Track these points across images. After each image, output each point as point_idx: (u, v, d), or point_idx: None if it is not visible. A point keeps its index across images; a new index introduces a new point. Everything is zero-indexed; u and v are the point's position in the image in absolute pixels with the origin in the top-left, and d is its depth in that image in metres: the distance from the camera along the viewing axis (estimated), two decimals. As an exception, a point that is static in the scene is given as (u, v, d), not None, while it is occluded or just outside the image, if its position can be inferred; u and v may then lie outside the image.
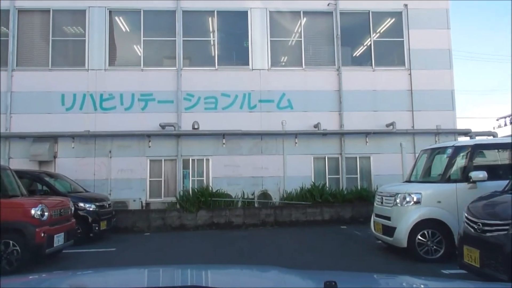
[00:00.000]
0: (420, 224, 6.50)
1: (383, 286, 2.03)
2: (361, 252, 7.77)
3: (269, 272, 2.30)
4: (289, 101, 12.98)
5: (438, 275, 5.73)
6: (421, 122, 13.03)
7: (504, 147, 6.92)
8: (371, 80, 13.26)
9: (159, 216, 11.48)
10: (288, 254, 7.78)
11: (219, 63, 13.18)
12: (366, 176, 13.01)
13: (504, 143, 7.13)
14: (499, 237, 4.31)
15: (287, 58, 13.88)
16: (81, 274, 2.34)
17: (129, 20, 13.48)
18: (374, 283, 2.01)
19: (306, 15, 13.47)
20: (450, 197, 6.43)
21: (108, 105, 12.69)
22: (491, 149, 7.03)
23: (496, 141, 8.44)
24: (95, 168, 12.44)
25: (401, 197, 6.76)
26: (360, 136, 12.98)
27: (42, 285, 1.92)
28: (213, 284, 1.89)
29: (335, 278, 1.57)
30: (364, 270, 6.07)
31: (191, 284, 1.73)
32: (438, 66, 13.27)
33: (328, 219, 11.65)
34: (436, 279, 2.55)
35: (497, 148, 7.07)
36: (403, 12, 13.47)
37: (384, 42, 13.69)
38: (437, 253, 6.44)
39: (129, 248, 8.94)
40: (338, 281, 1.53)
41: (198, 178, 12.72)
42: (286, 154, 12.80)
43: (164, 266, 3.34)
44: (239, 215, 11.61)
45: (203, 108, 12.84)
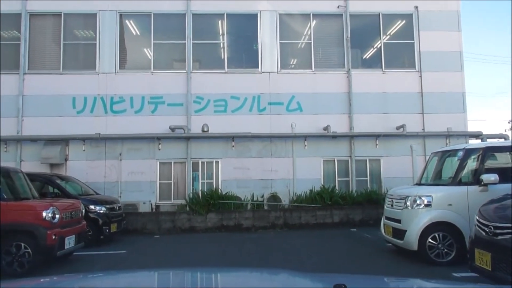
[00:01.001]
0: (431, 227, 6.44)
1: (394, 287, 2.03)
2: (371, 255, 7.72)
3: (278, 275, 2.30)
4: (299, 103, 12.97)
5: (449, 278, 5.67)
6: (432, 125, 12.92)
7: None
8: (381, 82, 13.19)
9: (169, 218, 11.53)
10: (297, 256, 7.76)
11: (229, 65, 13.23)
12: (376, 179, 12.93)
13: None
14: (511, 240, 4.25)
15: (297, 60, 13.86)
16: (91, 276, 2.35)
17: (139, 24, 13.59)
18: (384, 286, 2.00)
19: (316, 17, 13.47)
20: (461, 200, 6.36)
21: (118, 108, 12.80)
22: (503, 151, 6.95)
23: (508, 143, 8.34)
24: (106, 170, 12.54)
25: (411, 199, 6.71)
26: (370, 139, 12.91)
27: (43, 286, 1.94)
28: (220, 286, 1.90)
29: (344, 281, 1.56)
30: (374, 273, 6.05)
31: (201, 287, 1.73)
32: (449, 68, 13.16)
33: (338, 222, 11.59)
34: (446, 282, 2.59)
35: (508, 151, 6.98)
36: (414, 14, 13.39)
37: (394, 44, 13.62)
38: (448, 256, 6.37)
39: (139, 251, 8.98)
40: (348, 283, 1.52)
41: (207, 181, 12.75)
42: (296, 156, 12.77)
43: (173, 269, 3.36)
44: (248, 217, 11.60)
45: (213, 111, 12.89)
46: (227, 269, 2.91)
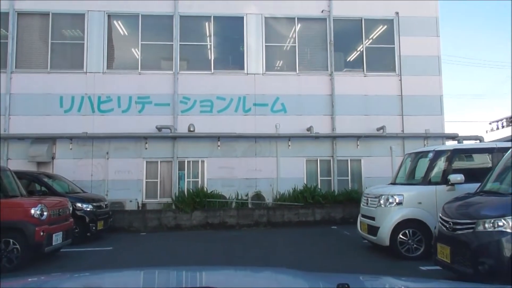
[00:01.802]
0: (402, 224, 6.85)
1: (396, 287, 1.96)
2: (348, 251, 8.11)
3: (281, 274, 2.26)
4: (283, 105, 13.32)
5: (417, 271, 6.08)
6: (411, 126, 13.41)
7: (480, 151, 7.30)
8: (362, 85, 13.63)
9: (155, 216, 11.78)
10: (279, 253, 8.12)
11: (215, 67, 13.51)
12: (357, 178, 13.37)
13: (480, 148, 7.51)
14: (467, 234, 4.66)
15: (282, 63, 14.23)
16: (91, 275, 2.32)
17: (127, 24, 13.79)
18: (386, 286, 1.97)
19: (301, 21, 13.84)
20: (430, 198, 6.78)
21: (105, 107, 12.99)
22: (469, 153, 7.40)
23: (474, 146, 8.82)
24: (93, 169, 12.73)
25: (384, 198, 7.12)
26: (351, 140, 13.34)
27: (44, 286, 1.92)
28: (222, 285, 1.86)
29: (348, 281, 1.57)
30: (348, 268, 6.45)
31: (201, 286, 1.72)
32: (428, 72, 13.67)
33: (320, 220, 11.98)
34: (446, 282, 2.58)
35: (474, 153, 7.44)
36: (395, 20, 13.86)
37: (376, 49, 14.07)
38: (417, 251, 6.79)
39: (126, 248, 9.22)
40: (351, 283, 1.51)
41: (193, 180, 13.04)
42: (280, 156, 13.14)
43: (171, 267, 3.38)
44: (233, 215, 11.92)
45: (199, 111, 13.16)
46: (228, 268, 2.95)
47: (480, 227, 4.51)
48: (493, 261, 4.30)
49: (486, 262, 4.33)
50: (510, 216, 4.29)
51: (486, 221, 4.46)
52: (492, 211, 4.53)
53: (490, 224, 4.41)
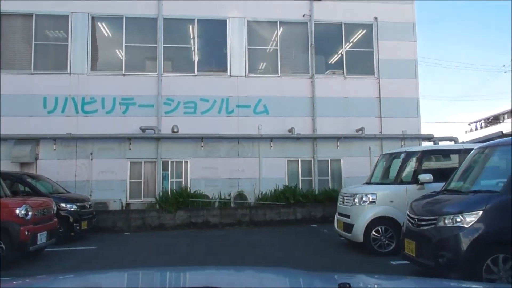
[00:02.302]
0: (375, 221, 7.22)
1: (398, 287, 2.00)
2: (325, 248, 8.46)
3: (283, 274, 2.27)
4: (265, 106, 13.64)
5: (387, 266, 6.45)
6: (389, 128, 13.87)
7: (448, 152, 7.73)
8: (342, 87, 14.04)
9: (139, 216, 11.95)
10: (260, 250, 8.41)
11: (199, 69, 13.74)
12: (337, 178, 13.76)
13: (448, 149, 7.94)
14: (430, 230, 5.03)
15: (264, 65, 14.54)
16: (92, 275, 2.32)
17: (111, 26, 13.91)
18: (388, 286, 1.99)
19: (283, 25, 14.17)
20: (401, 197, 7.16)
21: (89, 108, 13.10)
22: (438, 154, 7.82)
23: (442, 147, 9.27)
24: (76, 169, 12.83)
25: (359, 197, 7.48)
26: (331, 140, 13.73)
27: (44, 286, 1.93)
28: (223, 285, 1.87)
29: (349, 281, 1.59)
30: (323, 264, 6.78)
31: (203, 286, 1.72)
32: (405, 75, 14.16)
33: (301, 219, 12.31)
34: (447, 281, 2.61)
35: (442, 154, 7.87)
36: (373, 25, 14.31)
37: (355, 52, 14.50)
38: (389, 247, 7.16)
39: (109, 247, 9.38)
40: (352, 283, 1.52)
41: (177, 180, 13.24)
42: (262, 157, 13.44)
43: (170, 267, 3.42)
44: (216, 215, 12.17)
45: (183, 112, 13.37)
46: (228, 268, 2.91)
47: (441, 223, 4.88)
48: (451, 254, 4.67)
49: (445, 255, 4.70)
50: (467, 212, 4.67)
51: (446, 217, 4.83)
52: (452, 208, 4.90)
53: (449, 220, 4.78)
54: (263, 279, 2.15)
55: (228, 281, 2.09)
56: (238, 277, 2.20)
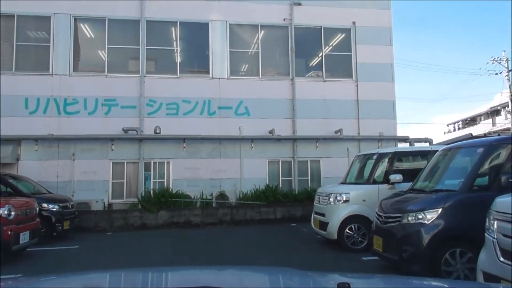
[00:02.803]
0: (348, 220, 7.58)
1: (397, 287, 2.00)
2: (302, 245, 8.79)
3: (282, 274, 2.25)
4: (246, 108, 13.92)
5: (360, 262, 6.81)
6: (366, 129, 14.32)
7: (417, 154, 8.16)
8: (322, 90, 14.43)
9: (121, 216, 12.09)
10: (240, 248, 8.70)
11: (181, 71, 13.95)
12: (316, 178, 14.13)
13: (417, 150, 8.38)
14: (395, 226, 5.40)
15: (245, 68, 14.84)
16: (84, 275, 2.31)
17: (94, 28, 14.00)
18: (388, 286, 2.00)
19: (264, 28, 14.49)
20: (373, 196, 7.52)
21: (72, 109, 13.17)
22: (408, 155, 8.25)
23: (412, 149, 9.74)
24: (58, 170, 12.88)
25: (333, 196, 7.84)
26: (311, 142, 14.11)
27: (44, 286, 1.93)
28: (223, 285, 1.87)
29: (349, 281, 1.59)
30: (299, 260, 7.10)
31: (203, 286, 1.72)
32: (382, 79, 14.63)
33: (281, 218, 12.62)
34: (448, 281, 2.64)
35: (412, 155, 8.30)
36: (352, 29, 14.75)
37: (334, 56, 14.92)
38: (361, 244, 7.53)
39: (91, 246, 9.51)
40: (352, 283, 1.52)
41: (159, 180, 13.42)
42: (243, 157, 13.73)
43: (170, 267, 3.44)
44: (197, 214, 12.40)
45: (165, 114, 13.56)
46: (228, 268, 2.91)
47: (405, 220, 5.25)
48: (413, 249, 5.04)
49: (408, 250, 5.07)
50: (428, 210, 5.04)
51: (409, 214, 5.20)
52: (415, 206, 5.28)
53: (412, 217, 5.15)
54: (263, 279, 2.15)
55: (228, 281, 2.10)
56: (238, 277, 2.20)
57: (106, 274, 2.30)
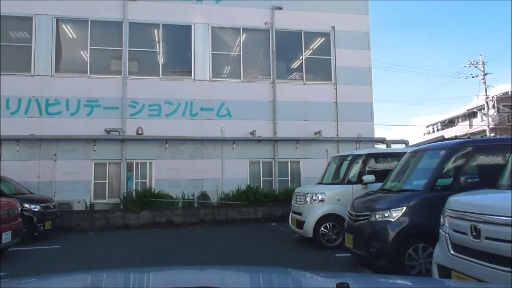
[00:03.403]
0: (323, 218, 7.92)
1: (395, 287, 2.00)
2: (280, 243, 9.10)
3: (281, 273, 2.26)
4: (228, 110, 14.18)
5: (333, 258, 7.14)
6: (344, 131, 14.74)
7: (389, 155, 8.56)
8: (302, 92, 14.79)
9: (103, 216, 12.20)
10: (219, 247, 8.94)
11: (164, 72, 14.12)
12: (296, 179, 14.48)
13: (389, 152, 8.78)
14: (364, 224, 5.74)
15: (227, 70, 15.10)
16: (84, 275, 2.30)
17: (76, 29, 14.06)
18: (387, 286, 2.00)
19: (245, 31, 14.77)
20: (347, 196, 7.85)
21: (53, 110, 13.21)
22: (380, 157, 8.64)
23: (384, 150, 10.16)
24: (40, 170, 12.91)
25: (310, 196, 8.17)
26: (291, 143, 14.45)
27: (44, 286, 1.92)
28: (222, 285, 1.88)
29: (347, 280, 1.59)
30: (276, 257, 7.39)
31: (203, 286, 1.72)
32: (360, 82, 15.08)
33: (261, 217, 12.92)
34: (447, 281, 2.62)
35: (384, 157, 8.70)
36: (331, 34, 15.16)
37: (314, 59, 15.31)
38: (336, 241, 7.87)
39: (73, 246, 9.60)
40: (350, 283, 1.53)
41: (141, 180, 13.56)
42: (225, 158, 13.98)
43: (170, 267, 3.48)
44: (179, 214, 12.59)
45: (147, 115, 13.71)
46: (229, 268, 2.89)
47: (372, 217, 5.59)
48: (380, 245, 5.39)
49: (375, 246, 5.42)
50: (394, 208, 5.39)
51: (377, 212, 5.55)
52: (382, 204, 5.63)
53: (379, 215, 5.50)
54: (262, 279, 2.14)
55: (228, 281, 2.11)
56: (237, 277, 2.20)
57: (105, 274, 2.31)
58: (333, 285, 1.51)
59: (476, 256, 3.39)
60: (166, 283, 2.06)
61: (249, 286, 1.96)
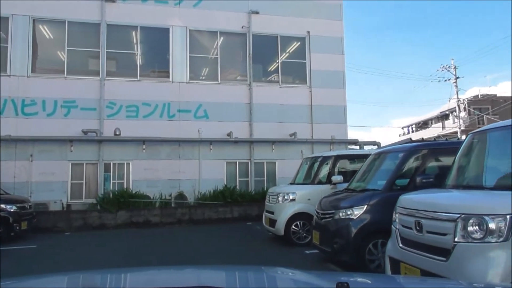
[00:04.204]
0: (294, 217, 8.31)
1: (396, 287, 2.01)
2: (253, 241, 9.45)
3: (281, 273, 2.28)
4: (205, 111, 14.44)
5: (303, 255, 7.51)
6: (319, 133, 15.21)
7: (357, 157, 9.01)
8: (278, 95, 15.18)
9: (80, 216, 12.28)
10: (195, 245, 9.21)
11: (141, 74, 14.27)
12: (272, 179, 14.85)
13: (357, 154, 9.24)
14: (329, 221, 6.13)
15: (205, 72, 15.36)
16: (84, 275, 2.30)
17: (53, 30, 14.06)
18: (386, 286, 2.01)
19: (223, 35, 15.06)
20: (317, 195, 8.22)
21: (30, 110, 13.20)
22: (348, 158, 9.09)
23: (352, 152, 10.64)
24: (15, 171, 12.88)
25: (282, 196, 8.54)
26: (267, 144, 14.83)
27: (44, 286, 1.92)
28: (221, 285, 1.89)
29: (347, 280, 1.58)
30: (251, 254, 7.72)
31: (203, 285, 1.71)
32: (334, 85, 15.57)
33: (237, 217, 13.23)
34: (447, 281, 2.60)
35: (352, 158, 9.15)
36: (306, 38, 15.60)
37: (290, 63, 15.73)
38: (306, 239, 8.26)
39: (49, 246, 9.68)
40: (350, 282, 1.53)
41: (118, 181, 13.68)
42: (202, 159, 14.23)
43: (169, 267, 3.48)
44: (156, 214, 12.79)
45: (125, 116, 13.84)
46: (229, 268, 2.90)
47: (337, 215, 5.99)
48: (343, 241, 5.78)
49: (338, 242, 5.81)
50: (356, 207, 5.80)
51: (341, 211, 5.94)
52: (346, 203, 6.02)
53: (343, 213, 5.89)
54: (262, 279, 2.14)
55: (228, 280, 2.09)
56: (237, 277, 2.17)
57: (104, 273, 2.30)
58: (333, 285, 1.51)
59: (420, 248, 3.80)
60: (166, 283, 2.01)
61: (249, 286, 1.97)
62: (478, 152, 4.58)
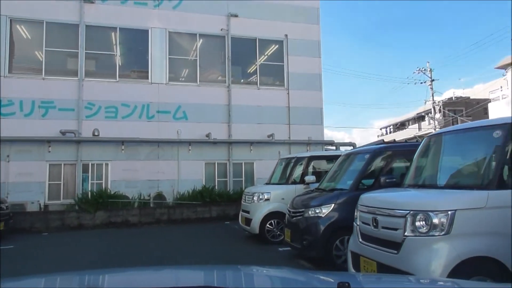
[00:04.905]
0: (269, 216, 8.61)
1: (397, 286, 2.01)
2: (231, 240, 9.70)
3: (281, 273, 2.29)
4: (184, 112, 14.62)
5: (276, 252, 7.82)
6: (296, 134, 15.57)
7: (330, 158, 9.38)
8: (256, 97, 15.47)
9: (58, 217, 12.30)
10: (173, 244, 9.41)
11: (121, 75, 14.35)
12: (250, 179, 15.13)
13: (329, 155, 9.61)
14: (299, 219, 6.44)
15: (184, 74, 15.52)
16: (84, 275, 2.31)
17: (31, 30, 14.00)
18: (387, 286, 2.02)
19: (202, 37, 15.26)
20: (291, 195, 8.52)
21: (6, 111, 13.12)
22: (321, 159, 9.45)
23: (325, 153, 11.04)
24: (-8, 171, 12.81)
25: (257, 195, 8.83)
26: (245, 145, 15.11)
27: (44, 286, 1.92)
28: (224, 285, 1.88)
29: (348, 280, 1.60)
30: (226, 253, 7.97)
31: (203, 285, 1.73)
32: (311, 87, 15.96)
33: (216, 216, 13.46)
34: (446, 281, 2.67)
35: (325, 159, 9.52)
36: (284, 41, 15.94)
37: (268, 65, 16.05)
38: (280, 237, 8.54)
39: (26, 246, 9.72)
40: (351, 282, 1.54)
41: (97, 181, 13.73)
42: (181, 159, 14.40)
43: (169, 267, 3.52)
44: (135, 214, 12.91)
45: (104, 117, 13.89)
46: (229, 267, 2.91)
47: (306, 213, 6.30)
48: (312, 237, 6.10)
49: (308, 239, 6.13)
50: (324, 205, 6.12)
51: (310, 209, 6.26)
52: (315, 202, 6.35)
53: (312, 211, 6.21)
54: (263, 279, 2.16)
55: (228, 280, 2.10)
56: (238, 277, 2.19)
57: (105, 273, 2.31)
58: (334, 285, 1.53)
59: (376, 242, 4.14)
60: (166, 283, 2.04)
61: (250, 286, 1.99)
62: (434, 153, 4.96)
